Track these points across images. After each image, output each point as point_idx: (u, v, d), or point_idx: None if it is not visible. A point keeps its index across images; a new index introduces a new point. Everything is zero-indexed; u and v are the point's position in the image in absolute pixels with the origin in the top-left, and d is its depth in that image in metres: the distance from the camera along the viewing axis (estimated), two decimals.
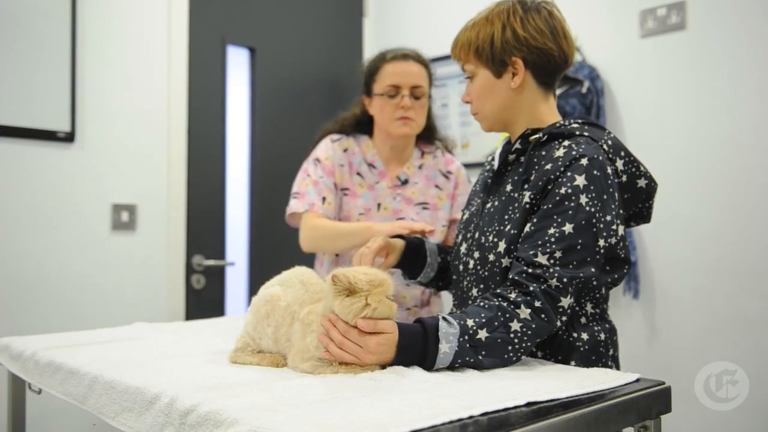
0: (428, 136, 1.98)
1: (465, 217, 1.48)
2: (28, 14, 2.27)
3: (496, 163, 1.42)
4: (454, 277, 1.45)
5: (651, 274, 2.42)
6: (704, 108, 2.31)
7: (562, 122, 1.34)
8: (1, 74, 2.22)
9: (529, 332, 1.15)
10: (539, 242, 1.19)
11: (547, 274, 1.16)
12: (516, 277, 1.19)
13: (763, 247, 2.17)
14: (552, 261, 1.17)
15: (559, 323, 1.19)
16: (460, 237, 1.46)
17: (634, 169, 1.30)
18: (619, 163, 1.28)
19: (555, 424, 0.90)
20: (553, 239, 1.18)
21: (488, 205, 1.37)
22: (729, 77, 2.25)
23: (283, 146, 2.94)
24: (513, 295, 1.16)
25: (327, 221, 1.81)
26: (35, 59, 2.29)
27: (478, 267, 1.33)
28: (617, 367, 1.34)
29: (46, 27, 2.31)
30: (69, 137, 2.35)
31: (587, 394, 1.01)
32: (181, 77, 2.64)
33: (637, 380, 1.11)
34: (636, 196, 1.32)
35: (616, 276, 1.29)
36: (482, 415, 0.87)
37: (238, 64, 2.89)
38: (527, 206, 1.25)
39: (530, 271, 1.17)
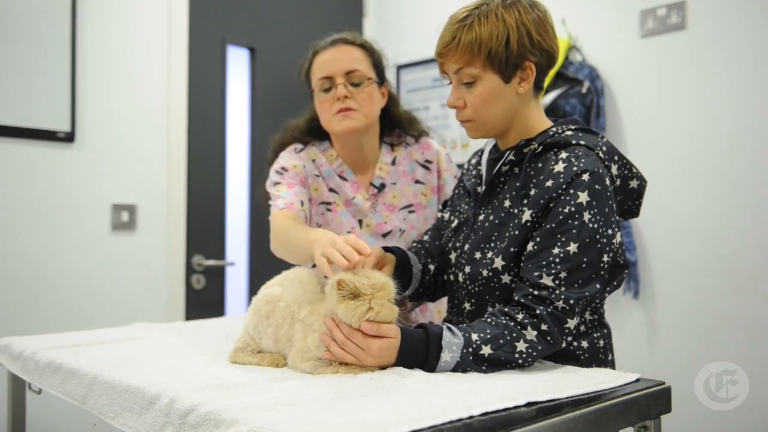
0: (392, 125, 1.75)
1: (454, 224, 1.41)
2: (28, 14, 2.27)
3: (483, 168, 1.37)
4: (447, 286, 1.43)
5: (651, 274, 2.42)
6: (704, 108, 2.31)
7: (555, 129, 1.28)
8: (1, 74, 2.22)
9: (534, 353, 1.14)
10: (543, 263, 1.16)
11: (553, 296, 1.14)
12: (522, 299, 1.17)
13: (763, 247, 2.17)
14: (557, 282, 1.15)
15: (564, 344, 1.18)
16: (449, 245, 1.40)
17: (627, 172, 1.28)
18: (614, 168, 1.26)
19: (555, 424, 0.91)
20: (557, 259, 1.16)
21: (481, 218, 1.32)
22: (729, 77, 2.25)
23: None
24: (520, 316, 1.15)
25: (294, 224, 1.49)
26: (35, 59, 2.28)
27: (468, 282, 1.31)
28: (613, 369, 1.33)
29: (46, 27, 2.30)
30: (69, 137, 2.35)
31: (587, 394, 1.01)
32: (181, 77, 2.64)
33: (637, 380, 1.11)
34: (628, 197, 1.31)
35: (615, 283, 1.28)
36: (482, 415, 0.87)
37: (238, 64, 2.89)
38: (528, 224, 1.22)
39: (536, 293, 1.15)
